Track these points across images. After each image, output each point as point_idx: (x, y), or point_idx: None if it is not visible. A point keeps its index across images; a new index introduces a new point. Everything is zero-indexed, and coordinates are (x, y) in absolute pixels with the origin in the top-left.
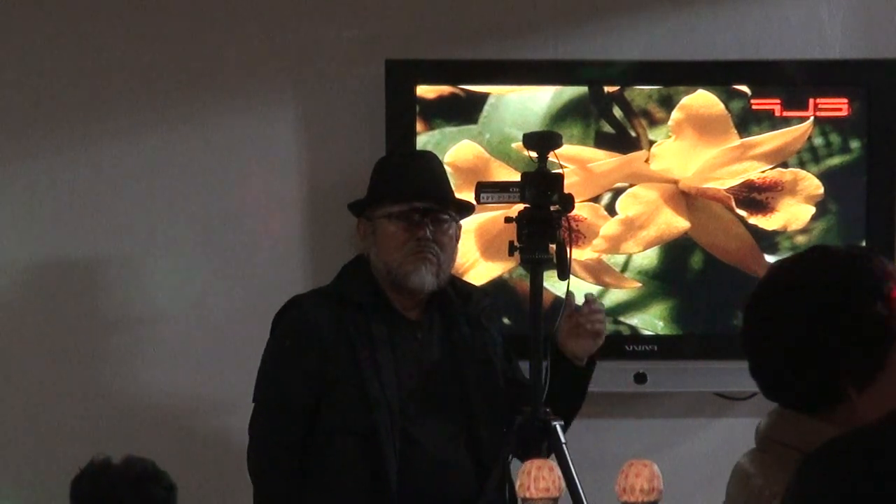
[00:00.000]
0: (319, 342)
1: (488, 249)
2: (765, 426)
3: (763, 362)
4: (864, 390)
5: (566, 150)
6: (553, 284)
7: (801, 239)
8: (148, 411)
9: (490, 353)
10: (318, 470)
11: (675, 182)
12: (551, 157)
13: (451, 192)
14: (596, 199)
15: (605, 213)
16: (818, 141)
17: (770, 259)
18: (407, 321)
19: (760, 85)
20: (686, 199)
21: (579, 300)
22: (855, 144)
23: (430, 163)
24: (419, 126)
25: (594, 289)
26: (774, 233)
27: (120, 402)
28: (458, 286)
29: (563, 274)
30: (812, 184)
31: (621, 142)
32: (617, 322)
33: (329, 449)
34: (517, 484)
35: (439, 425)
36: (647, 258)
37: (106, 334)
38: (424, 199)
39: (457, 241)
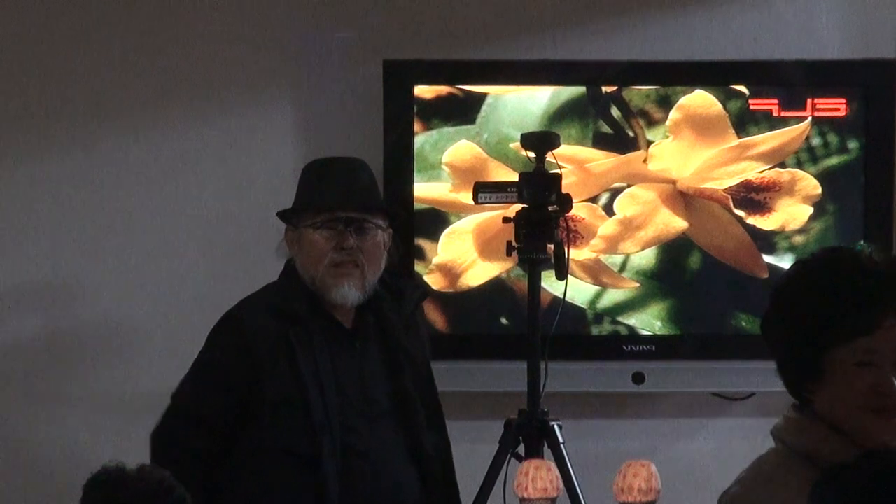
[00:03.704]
0: (257, 359)
1: (486, 249)
2: None
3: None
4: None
5: (564, 150)
6: (551, 284)
7: (798, 239)
8: (147, 413)
9: (425, 356)
10: (256, 490)
11: (673, 182)
12: (549, 157)
13: (378, 199)
14: (594, 200)
15: (603, 213)
16: (816, 141)
17: (768, 259)
18: (345, 330)
19: (758, 85)
20: (684, 199)
21: (579, 301)
22: (853, 144)
23: (356, 170)
24: (417, 126)
25: (592, 289)
26: (772, 233)
27: (120, 403)
28: (388, 284)
29: (561, 274)
30: (810, 184)
31: (619, 142)
32: (615, 322)
33: (268, 469)
34: (515, 484)
35: (382, 436)
36: (644, 258)
37: (104, 335)
38: (347, 207)
39: (385, 248)
